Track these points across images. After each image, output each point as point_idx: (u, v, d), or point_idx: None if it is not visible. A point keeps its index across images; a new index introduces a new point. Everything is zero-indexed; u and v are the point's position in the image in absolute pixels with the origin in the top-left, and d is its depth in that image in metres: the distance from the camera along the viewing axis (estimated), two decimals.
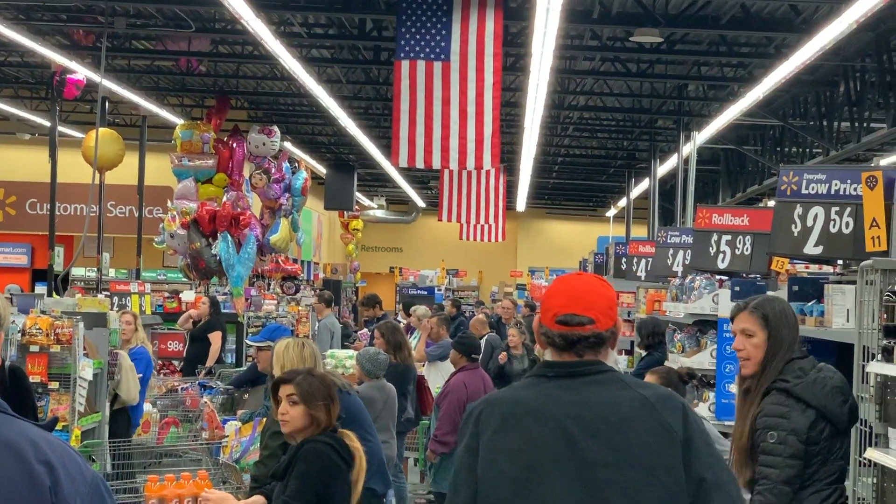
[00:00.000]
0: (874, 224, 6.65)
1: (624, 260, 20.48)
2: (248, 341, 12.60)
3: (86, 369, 9.26)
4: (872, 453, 5.71)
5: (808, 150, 22.26)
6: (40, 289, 20.93)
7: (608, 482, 3.74)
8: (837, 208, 7.34)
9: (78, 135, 23.55)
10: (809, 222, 7.58)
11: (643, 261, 18.21)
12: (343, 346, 16.93)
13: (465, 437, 3.94)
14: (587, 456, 3.76)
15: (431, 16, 14.09)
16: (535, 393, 3.94)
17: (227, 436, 9.87)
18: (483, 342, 14.89)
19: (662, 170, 27.02)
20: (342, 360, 11.37)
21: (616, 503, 3.73)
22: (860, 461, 5.85)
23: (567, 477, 3.75)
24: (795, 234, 7.63)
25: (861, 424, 5.91)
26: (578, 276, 4.34)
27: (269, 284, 24.10)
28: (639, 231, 31.08)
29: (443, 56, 14.00)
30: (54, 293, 16.71)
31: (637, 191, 32.16)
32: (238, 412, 10.44)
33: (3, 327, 3.15)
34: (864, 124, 18.97)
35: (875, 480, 5.83)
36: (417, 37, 14.07)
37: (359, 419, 8.16)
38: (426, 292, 33.13)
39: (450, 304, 22.45)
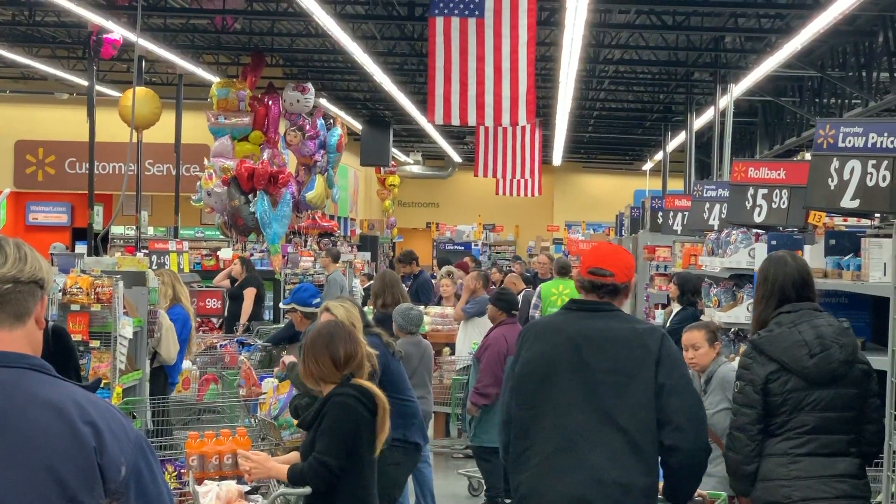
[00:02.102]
0: None
1: (660, 214, 20.41)
2: (282, 305, 12.74)
3: (126, 328, 9.32)
4: None
5: (847, 101, 22.11)
6: (80, 248, 21.13)
7: (601, 382, 5.41)
8: (874, 161, 7.09)
9: (115, 94, 23.60)
10: (846, 175, 7.32)
11: (679, 215, 18.15)
12: None
13: (516, 352, 5.83)
14: (589, 362, 5.42)
15: None
16: (561, 318, 5.88)
17: (265, 392, 9.96)
18: (520, 298, 15.00)
19: (699, 123, 26.92)
20: None
21: (605, 398, 5.42)
22: (895, 415, 5.85)
23: (574, 375, 5.43)
24: (832, 188, 7.35)
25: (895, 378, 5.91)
26: (608, 244, 6.68)
27: (306, 241, 24.21)
28: (675, 185, 30.99)
29: (477, 12, 13.98)
30: (95, 252, 16.82)
31: (673, 144, 32.05)
32: (275, 370, 10.54)
33: (46, 290, 3.19)
34: None
35: None
36: None
37: (398, 384, 8.27)
38: (463, 247, 33.26)
39: (499, 275, 22.15)
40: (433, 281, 18.59)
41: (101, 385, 8.17)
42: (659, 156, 34.33)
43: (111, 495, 2.86)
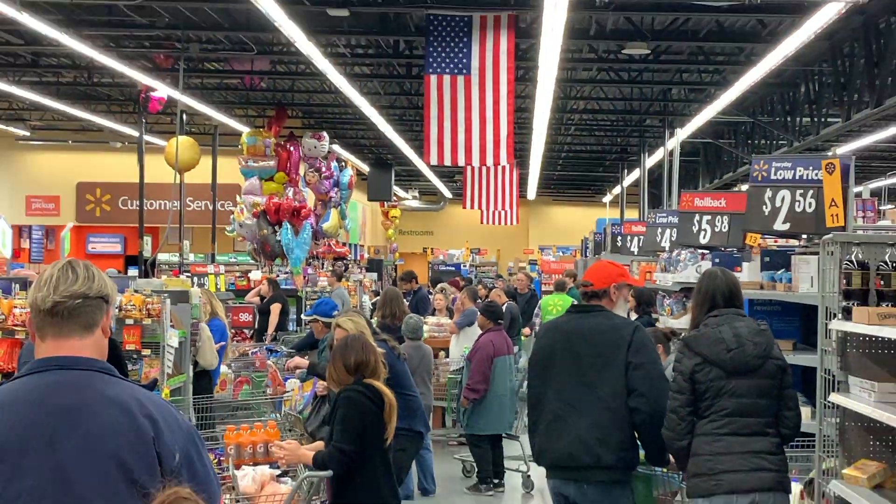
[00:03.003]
0: (833, 204, 6.72)
1: (619, 238, 20.39)
2: (303, 316, 12.82)
3: (172, 338, 9.31)
4: (835, 397, 5.71)
5: (774, 142, 22.14)
6: (132, 272, 21.13)
7: (587, 364, 6.07)
8: (801, 191, 7.35)
9: (161, 142, 23.63)
10: (778, 203, 7.52)
11: (636, 238, 18.16)
12: None
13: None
14: (578, 350, 6.12)
15: (454, 36, 14.07)
16: (562, 319, 6.63)
17: (290, 391, 9.97)
18: (505, 309, 15.03)
19: (650, 161, 26.96)
20: None
21: (589, 376, 6.07)
22: (825, 404, 5.85)
23: (567, 360, 6.12)
24: (766, 214, 7.55)
25: (825, 373, 5.92)
26: (601, 262, 7.85)
27: (323, 264, 24.23)
28: (631, 214, 31.03)
29: (464, 70, 14.00)
30: (145, 275, 16.83)
31: (629, 180, 32.13)
32: (296, 371, 10.58)
33: (111, 304, 3.18)
34: (822, 119, 18.89)
35: (838, 420, 5.83)
36: (443, 55, 14.06)
37: (403, 381, 8.26)
38: (453, 268, 33.18)
39: (485, 290, 22.04)
40: (429, 296, 18.57)
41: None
42: (617, 190, 34.36)
43: (167, 477, 2.85)
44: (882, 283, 5.73)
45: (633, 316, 13.16)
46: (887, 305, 5.45)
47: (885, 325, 5.13)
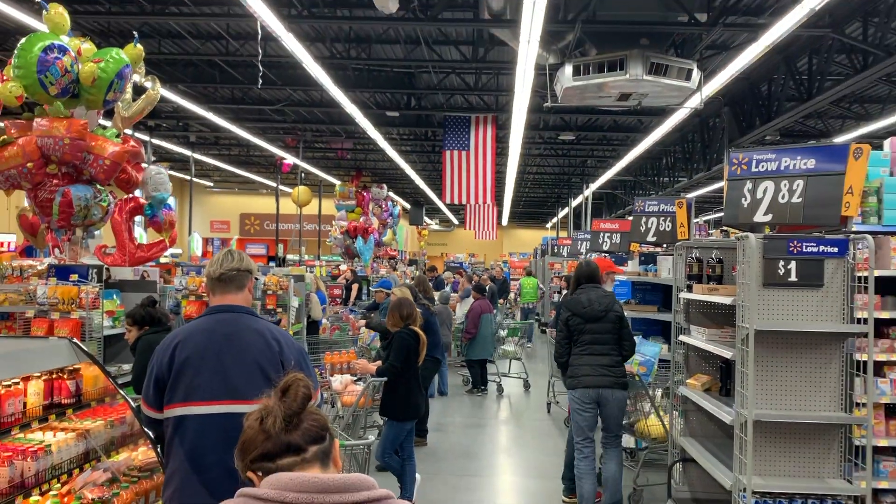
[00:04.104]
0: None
1: (555, 247, 20.38)
2: (372, 288, 12.78)
3: (294, 302, 9.26)
4: (683, 338, 5.64)
5: (648, 192, 22.09)
6: (272, 265, 21.17)
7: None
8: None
9: (288, 189, 23.68)
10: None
11: (565, 247, 18.11)
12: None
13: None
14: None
15: (460, 128, 14.07)
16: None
17: (362, 334, 9.94)
18: (488, 288, 15.01)
19: (575, 203, 26.88)
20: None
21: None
22: (676, 342, 5.80)
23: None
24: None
25: (675, 323, 5.85)
26: (601, 258, 7.19)
27: (383, 261, 24.18)
28: (563, 233, 30.92)
29: (466, 148, 13.98)
30: (279, 265, 16.83)
31: (562, 213, 32.03)
32: (365, 322, 10.58)
33: (254, 274, 3.16)
34: (675, 178, 18.87)
35: (684, 352, 5.77)
36: (454, 139, 14.06)
37: (433, 329, 8.22)
38: (459, 265, 33.07)
39: (477, 277, 22.10)
40: (444, 279, 18.61)
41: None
42: (555, 220, 34.25)
43: (287, 371, 2.85)
44: (710, 270, 5.68)
45: (565, 292, 13.18)
46: (712, 283, 5.40)
47: (711, 295, 5.08)
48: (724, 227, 13.73)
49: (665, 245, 8.13)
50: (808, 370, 4.36)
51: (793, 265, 4.33)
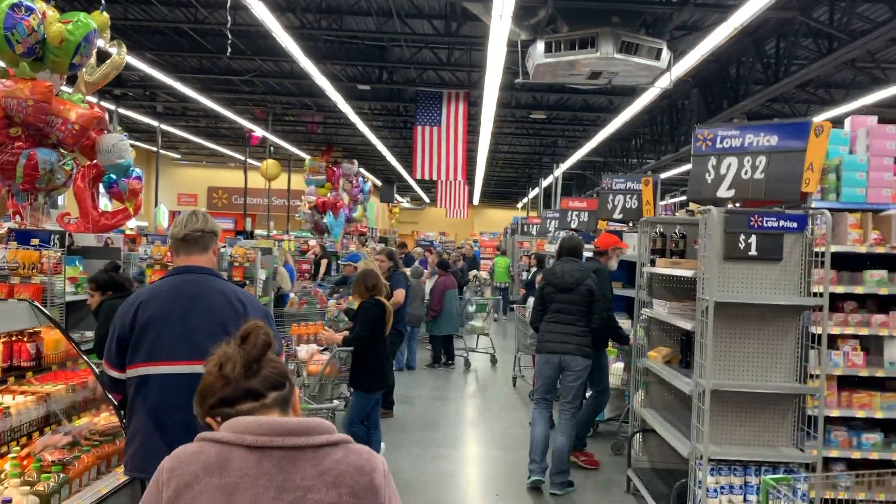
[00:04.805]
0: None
1: (525, 226, 20.51)
2: (341, 262, 12.75)
3: (261, 274, 9.22)
4: (646, 311, 5.75)
5: (617, 174, 22.24)
6: (239, 238, 20.98)
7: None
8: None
9: (257, 163, 23.42)
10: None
11: (534, 226, 18.22)
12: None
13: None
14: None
15: (432, 104, 14.00)
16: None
17: (330, 307, 9.91)
18: (459, 265, 15.07)
19: (545, 182, 26.95)
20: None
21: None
22: (640, 315, 5.90)
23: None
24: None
25: (638, 297, 5.95)
26: (603, 234, 7.23)
27: (353, 237, 24.09)
28: (533, 213, 31.07)
29: (437, 123, 13.93)
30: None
31: (533, 193, 32.11)
32: (334, 295, 10.55)
33: (218, 236, 3.14)
34: (643, 159, 19.00)
35: (646, 325, 5.87)
36: (426, 114, 13.99)
37: (408, 297, 8.24)
38: (430, 243, 33.08)
39: (447, 255, 22.19)
40: (414, 255, 18.64)
41: None
42: (525, 199, 34.37)
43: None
44: (674, 245, 5.77)
45: (534, 269, 13.28)
46: (674, 258, 5.48)
47: (674, 268, 5.16)
48: (690, 209, 13.91)
49: (631, 222, 8.22)
50: (766, 342, 4.46)
51: (753, 239, 4.42)
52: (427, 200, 42.01)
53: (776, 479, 2.99)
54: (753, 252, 4.42)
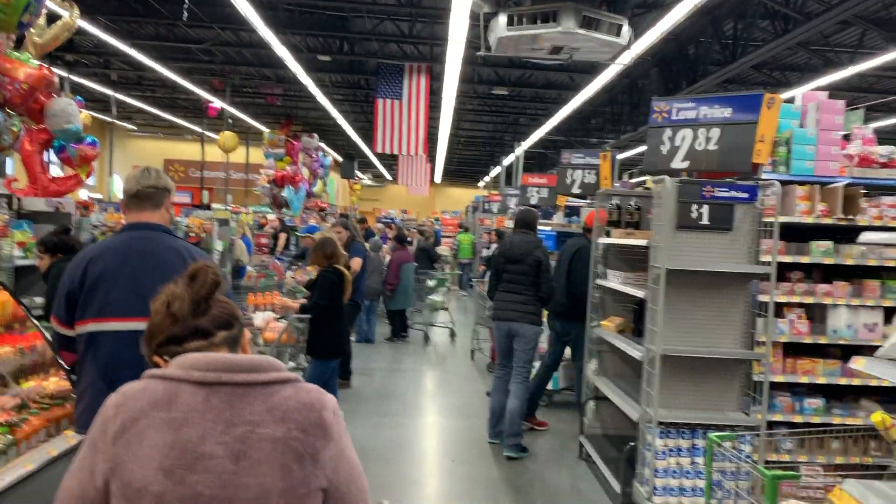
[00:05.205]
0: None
1: (486, 204, 20.56)
2: (299, 233, 12.67)
3: (218, 245, 9.08)
4: (600, 281, 5.83)
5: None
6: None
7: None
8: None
9: (215, 136, 23.02)
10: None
11: (496, 204, 18.27)
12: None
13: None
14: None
15: (394, 77, 13.88)
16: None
17: (287, 280, 9.85)
18: (415, 242, 15.12)
19: (506, 161, 26.97)
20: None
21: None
22: (595, 286, 5.99)
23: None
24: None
25: (595, 269, 6.03)
26: (591, 211, 6.58)
27: (312, 212, 23.89)
28: (495, 191, 31.16)
29: (399, 97, 13.83)
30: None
31: (495, 171, 32.17)
32: (292, 268, 10.48)
33: (172, 194, 3.09)
34: (604, 139, 19.15)
35: (601, 295, 5.96)
36: (387, 87, 13.87)
37: (366, 268, 8.23)
38: (391, 220, 33.00)
39: (416, 233, 22.18)
40: (374, 230, 18.62)
41: None
42: (487, 178, 34.43)
43: None
44: (629, 217, 5.85)
45: (493, 245, 13.35)
46: (629, 229, 5.57)
47: (628, 238, 5.24)
48: (647, 187, 14.10)
49: (589, 197, 8.31)
50: (715, 309, 4.58)
51: (705, 209, 4.51)
52: (389, 178, 41.80)
53: (721, 436, 3.09)
54: (705, 221, 4.51)
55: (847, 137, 5.08)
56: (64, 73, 15.84)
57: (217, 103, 18.83)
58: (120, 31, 13.41)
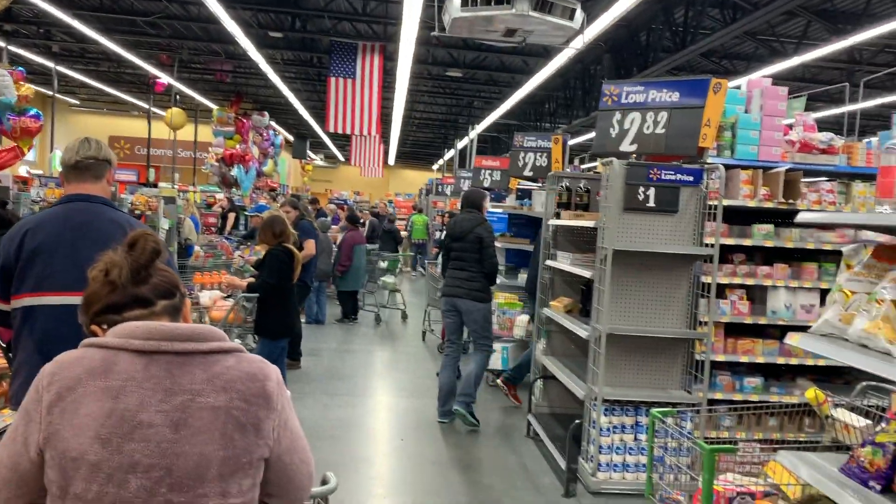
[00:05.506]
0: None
1: (439, 187, 20.56)
2: (247, 213, 12.50)
3: (164, 223, 8.90)
4: (550, 262, 5.89)
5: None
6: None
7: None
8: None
9: (162, 112, 22.43)
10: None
11: (449, 186, 18.28)
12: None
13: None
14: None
15: (347, 55, 13.73)
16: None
17: (235, 258, 9.73)
18: (368, 222, 15.05)
19: (460, 144, 26.98)
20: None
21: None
22: (545, 267, 6.05)
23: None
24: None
25: (546, 250, 6.09)
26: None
27: (262, 192, 23.54)
28: (449, 174, 31.15)
29: (352, 76, 13.70)
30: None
31: (448, 155, 32.15)
32: (240, 247, 10.34)
33: (113, 165, 3.01)
34: (556, 124, 19.30)
35: (551, 275, 6.03)
36: (340, 66, 13.71)
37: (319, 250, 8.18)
38: (343, 202, 32.73)
39: (368, 214, 22.05)
40: (326, 211, 18.49)
41: None
42: (441, 161, 34.39)
43: None
44: (578, 199, 5.92)
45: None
46: (579, 211, 5.63)
47: (577, 220, 5.31)
48: (597, 171, 14.28)
49: (541, 180, 8.37)
50: (660, 290, 4.68)
51: (652, 191, 4.59)
52: (341, 159, 41.37)
53: (663, 411, 3.17)
54: (651, 204, 4.59)
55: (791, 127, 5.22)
56: (1, 44, 15.23)
57: (164, 79, 18.37)
58: (61, 1, 12.95)
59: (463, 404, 6.15)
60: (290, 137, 30.14)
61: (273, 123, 23.84)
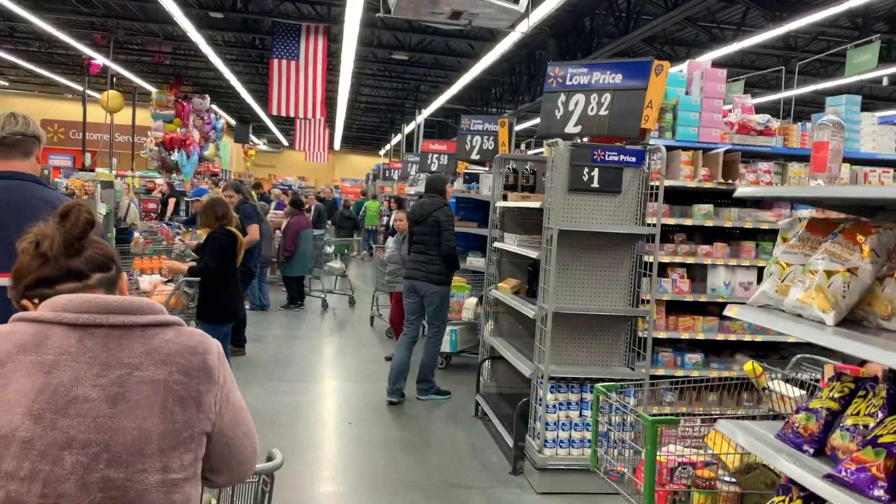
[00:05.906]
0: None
1: (387, 171, 20.48)
2: (187, 198, 12.25)
3: (102, 209, 8.64)
4: (497, 244, 5.92)
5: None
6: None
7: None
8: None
9: (97, 95, 21.72)
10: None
11: (396, 171, 18.21)
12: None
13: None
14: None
15: (290, 37, 13.50)
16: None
17: (176, 243, 9.52)
18: (314, 208, 14.89)
19: (407, 129, 26.89)
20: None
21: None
22: (492, 249, 6.08)
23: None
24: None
25: (492, 233, 6.12)
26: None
27: (204, 177, 23.03)
28: (396, 158, 31.01)
29: (295, 58, 13.48)
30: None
31: (395, 140, 31.99)
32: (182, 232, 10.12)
33: (42, 142, 2.91)
34: (502, 108, 19.35)
35: (497, 258, 6.06)
36: (282, 47, 13.47)
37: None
38: (288, 187, 32.27)
39: (306, 198, 21.77)
40: (270, 196, 18.23)
41: None
42: (388, 146, 34.20)
43: None
44: (525, 181, 5.96)
45: (395, 211, 13.34)
46: (525, 192, 5.68)
47: (524, 202, 5.35)
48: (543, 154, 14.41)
49: (488, 163, 8.40)
50: (604, 269, 4.75)
51: (596, 172, 4.65)
52: (286, 143, 40.76)
53: (607, 386, 3.23)
54: (596, 184, 4.65)
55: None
56: None
57: (99, 60, 17.75)
58: None
59: (422, 391, 6.38)
60: (233, 121, 29.52)
61: (214, 107, 23.33)
